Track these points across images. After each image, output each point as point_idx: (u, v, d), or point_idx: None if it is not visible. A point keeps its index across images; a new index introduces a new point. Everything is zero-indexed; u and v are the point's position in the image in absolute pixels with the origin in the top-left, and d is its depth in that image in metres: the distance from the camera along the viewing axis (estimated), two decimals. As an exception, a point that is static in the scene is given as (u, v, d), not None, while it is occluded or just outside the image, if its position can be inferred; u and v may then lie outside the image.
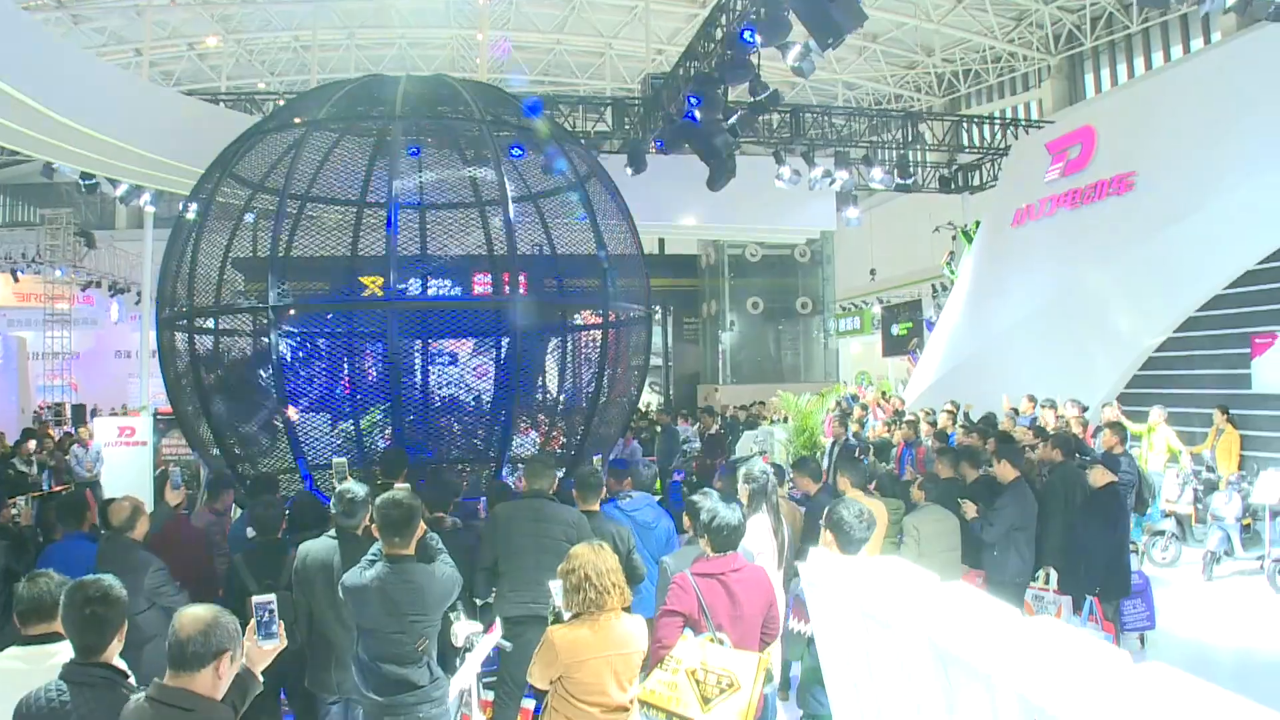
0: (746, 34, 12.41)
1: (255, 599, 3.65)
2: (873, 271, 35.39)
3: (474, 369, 11.36)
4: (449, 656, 5.78)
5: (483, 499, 8.50)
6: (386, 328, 9.53)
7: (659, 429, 18.83)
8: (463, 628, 5.71)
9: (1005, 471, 8.45)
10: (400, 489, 5.16)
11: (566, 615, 4.47)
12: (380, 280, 9.56)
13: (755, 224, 22.86)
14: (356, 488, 5.74)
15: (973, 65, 30.21)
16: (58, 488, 17.91)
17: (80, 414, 27.94)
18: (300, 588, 5.67)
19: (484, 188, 11.73)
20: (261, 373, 10.33)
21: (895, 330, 33.91)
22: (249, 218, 10.88)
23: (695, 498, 5.53)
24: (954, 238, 24.89)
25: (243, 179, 10.72)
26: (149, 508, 6.90)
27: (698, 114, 14.15)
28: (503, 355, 10.81)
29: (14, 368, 27.25)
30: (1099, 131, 18.40)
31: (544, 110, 11.42)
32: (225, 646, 3.22)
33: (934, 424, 14.63)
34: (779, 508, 6.81)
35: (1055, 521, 8.71)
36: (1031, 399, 15.15)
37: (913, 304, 32.58)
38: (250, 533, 6.88)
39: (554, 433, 11.76)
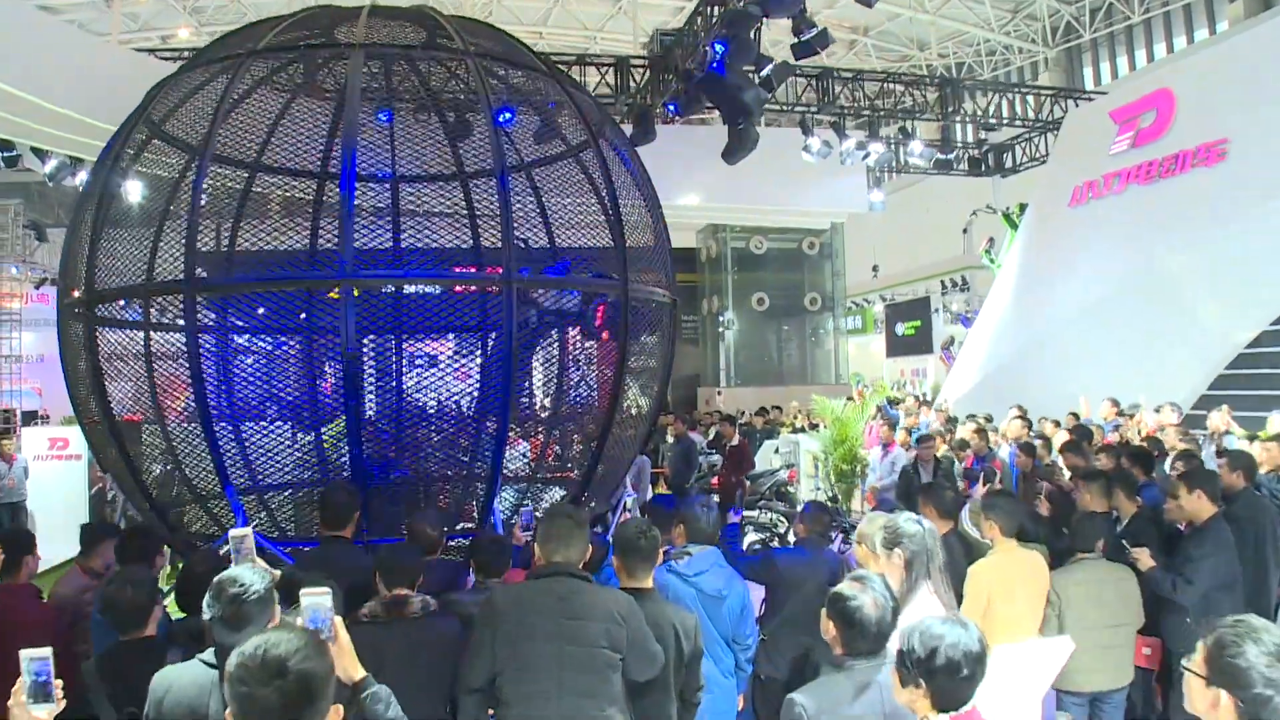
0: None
1: (27, 653, 2.97)
2: (875, 268, 33.54)
3: (454, 365, 9.01)
4: None
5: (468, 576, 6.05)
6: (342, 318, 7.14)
7: (670, 438, 16.42)
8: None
9: (1198, 506, 6.07)
10: (313, 597, 2.81)
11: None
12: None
13: (773, 204, 20.44)
14: (249, 577, 3.34)
15: (966, 59, 29.05)
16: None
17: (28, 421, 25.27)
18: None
19: (475, 154, 9.49)
20: (180, 375, 7.95)
21: (901, 330, 32.09)
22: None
23: (848, 589, 3.22)
24: (990, 217, 22.64)
25: (169, 135, 8.38)
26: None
27: (725, 63, 11.76)
28: (498, 344, 8.38)
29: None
30: (1179, 95, 16.11)
31: None
32: None
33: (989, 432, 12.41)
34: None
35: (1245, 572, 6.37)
36: (1114, 402, 12.87)
37: (919, 301, 30.71)
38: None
39: (563, 442, 9.48)
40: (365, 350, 8.47)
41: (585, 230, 9.36)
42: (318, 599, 3.11)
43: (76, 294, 7.86)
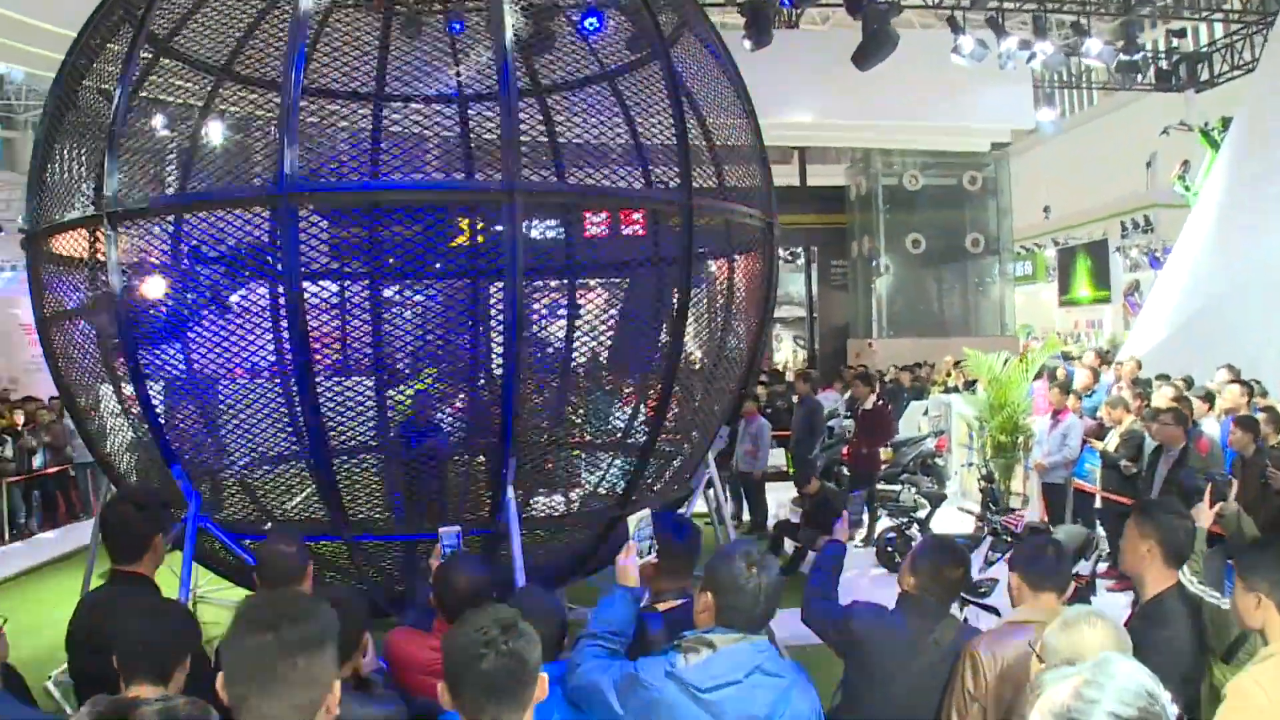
0: None
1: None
2: (1047, 208, 30.41)
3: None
4: None
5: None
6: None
7: (795, 399, 14.15)
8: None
9: None
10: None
11: None
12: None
13: (915, 119, 17.48)
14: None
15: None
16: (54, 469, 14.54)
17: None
18: None
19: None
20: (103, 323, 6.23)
21: (1075, 276, 29.05)
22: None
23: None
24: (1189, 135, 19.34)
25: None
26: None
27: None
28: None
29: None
30: None
31: None
32: None
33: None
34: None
35: None
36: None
37: (1096, 244, 27.58)
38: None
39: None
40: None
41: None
42: None
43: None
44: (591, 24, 7.70)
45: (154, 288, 6.43)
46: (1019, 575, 3.48)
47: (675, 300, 6.28)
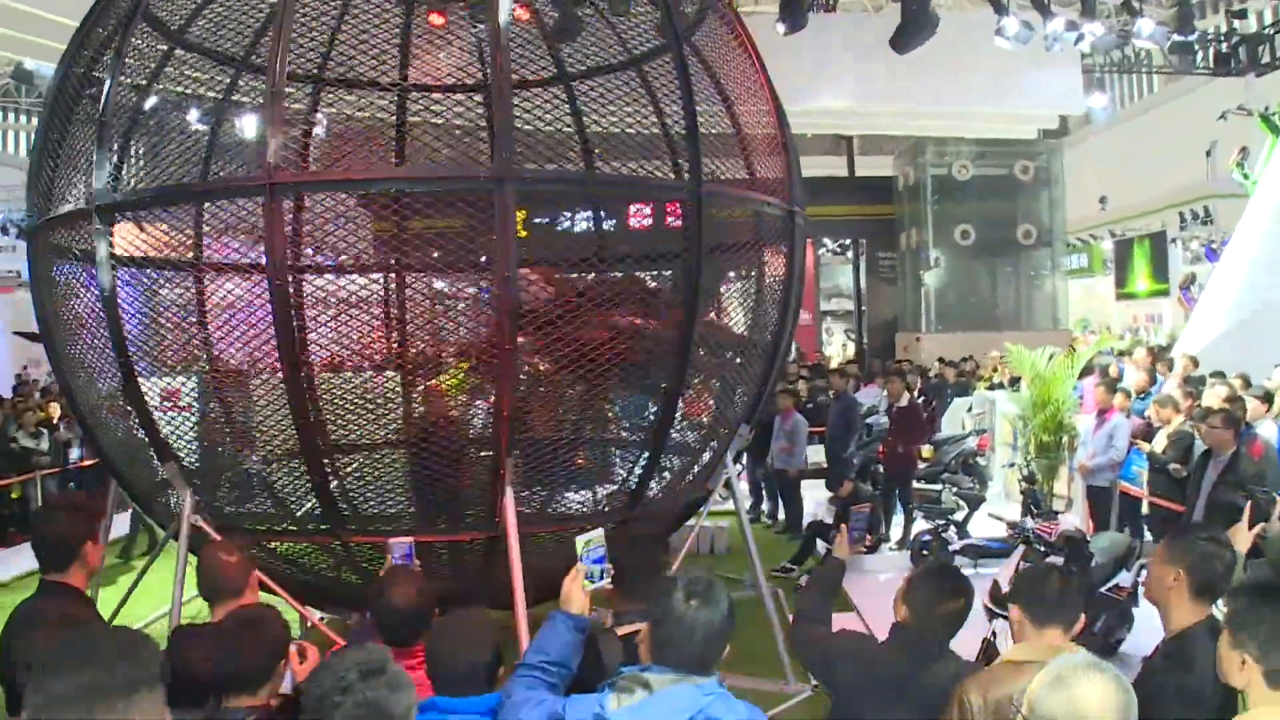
0: None
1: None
2: (1103, 199, 29.63)
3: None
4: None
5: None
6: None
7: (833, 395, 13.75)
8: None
9: None
10: None
11: None
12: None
13: (958, 105, 16.84)
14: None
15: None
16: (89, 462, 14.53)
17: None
18: None
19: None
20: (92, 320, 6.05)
21: (1132, 268, 28.30)
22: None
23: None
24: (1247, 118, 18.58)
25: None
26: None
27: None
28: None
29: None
30: None
31: None
32: None
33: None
34: None
35: None
36: None
37: (1155, 235, 26.86)
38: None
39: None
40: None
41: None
42: None
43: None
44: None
45: (142, 282, 6.26)
46: (1019, 607, 3.09)
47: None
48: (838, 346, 34.23)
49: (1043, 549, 7.02)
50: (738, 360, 6.84)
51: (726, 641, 2.68)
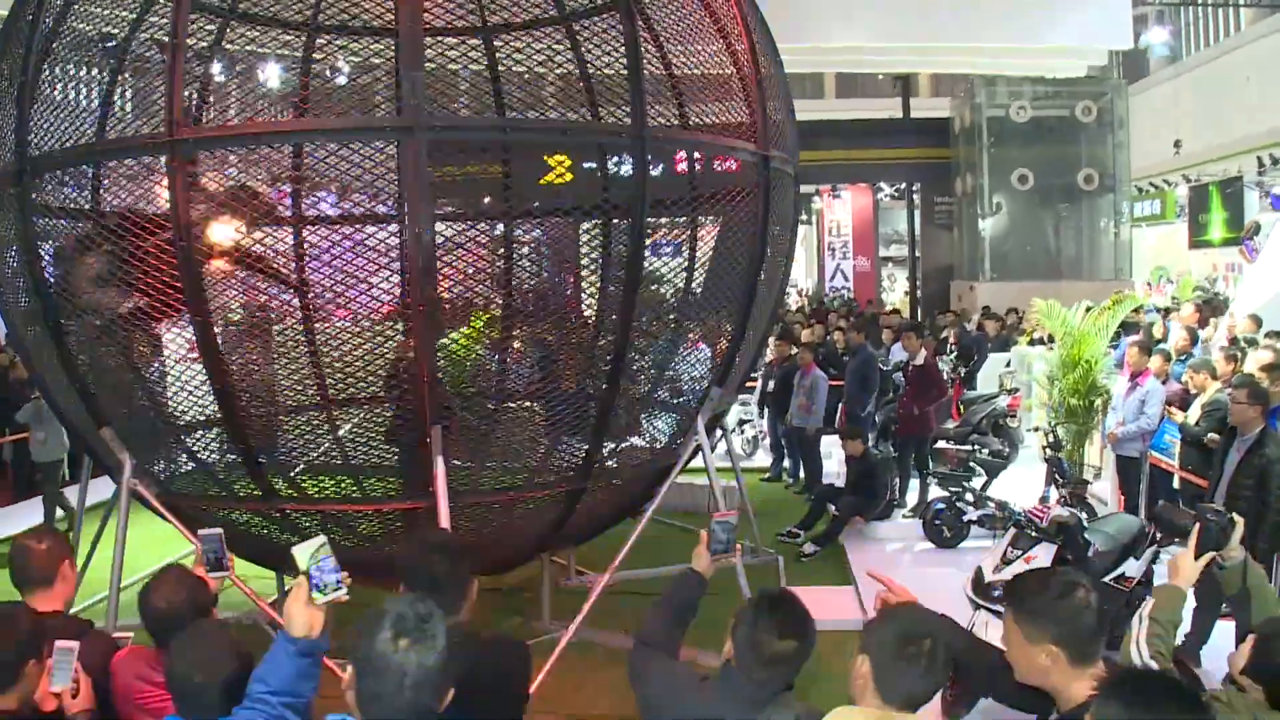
0: None
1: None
2: (1177, 143, 28.24)
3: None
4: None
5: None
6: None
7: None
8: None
9: None
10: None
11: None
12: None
13: (982, 40, 15.57)
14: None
15: None
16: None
17: None
18: None
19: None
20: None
21: (1205, 216, 26.93)
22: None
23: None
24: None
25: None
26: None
27: None
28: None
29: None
30: None
31: None
32: None
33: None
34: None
35: None
36: None
37: (1231, 180, 25.46)
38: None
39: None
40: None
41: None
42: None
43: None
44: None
45: (69, 242, 5.89)
46: (869, 660, 2.46)
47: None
48: (900, 294, 33.24)
49: (1034, 533, 6.37)
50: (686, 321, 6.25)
51: (447, 688, 2.16)
